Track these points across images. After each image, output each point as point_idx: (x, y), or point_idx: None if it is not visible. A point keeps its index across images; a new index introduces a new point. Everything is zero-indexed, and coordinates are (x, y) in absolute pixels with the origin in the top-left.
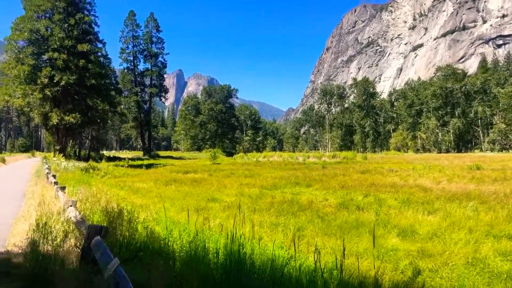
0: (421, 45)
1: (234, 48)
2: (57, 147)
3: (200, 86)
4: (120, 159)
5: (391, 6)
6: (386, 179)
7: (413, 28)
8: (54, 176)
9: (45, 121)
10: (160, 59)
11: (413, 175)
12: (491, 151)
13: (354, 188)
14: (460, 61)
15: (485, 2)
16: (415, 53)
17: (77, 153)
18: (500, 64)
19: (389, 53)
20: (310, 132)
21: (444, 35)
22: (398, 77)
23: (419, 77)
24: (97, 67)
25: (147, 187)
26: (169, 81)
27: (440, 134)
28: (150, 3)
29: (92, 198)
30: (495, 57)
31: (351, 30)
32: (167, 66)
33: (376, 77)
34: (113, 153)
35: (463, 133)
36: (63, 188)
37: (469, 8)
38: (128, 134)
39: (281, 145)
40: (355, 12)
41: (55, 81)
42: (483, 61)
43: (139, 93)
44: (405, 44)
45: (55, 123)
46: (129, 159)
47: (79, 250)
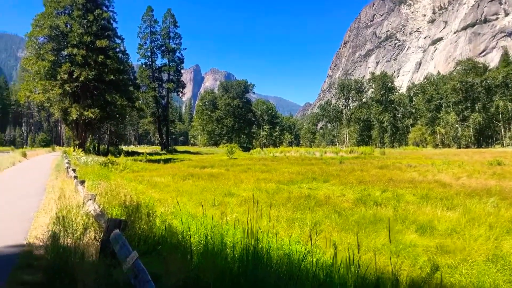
0: (441, 39)
1: (251, 43)
2: (77, 142)
3: (217, 81)
4: (138, 154)
5: (410, 0)
6: (405, 175)
7: (433, 22)
8: (74, 170)
9: (65, 116)
10: (178, 55)
11: (432, 171)
12: None
13: (372, 184)
14: (481, 55)
15: None
16: (435, 47)
17: (96, 148)
18: None
19: (408, 47)
20: (327, 127)
21: (465, 28)
22: (417, 72)
23: (439, 71)
24: (116, 63)
25: (165, 182)
26: (186, 77)
27: (460, 129)
28: None
29: (111, 192)
30: None
31: (369, 24)
32: (185, 62)
33: (395, 72)
34: (132, 148)
35: (484, 128)
36: (83, 182)
37: (491, 1)
38: (146, 129)
39: (298, 140)
40: (373, 6)
41: (75, 77)
42: (505, 55)
43: (157, 89)
44: (424, 38)
45: (75, 118)
46: (147, 154)
47: (99, 243)
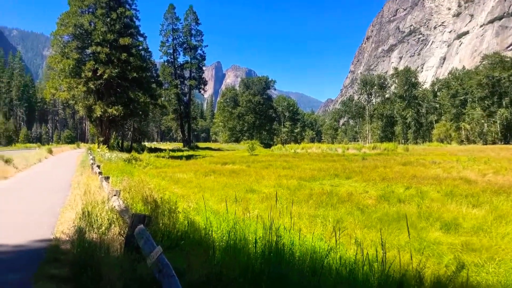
0: (466, 33)
1: (272, 39)
2: (101, 139)
3: (238, 78)
4: (161, 150)
5: None
6: (429, 171)
7: (458, 15)
8: (99, 167)
9: (89, 114)
10: (199, 52)
11: (457, 167)
12: None
13: (395, 180)
14: (509, 49)
15: None
16: (460, 41)
17: (120, 145)
18: None
19: (432, 42)
20: (350, 123)
21: (492, 22)
22: (441, 66)
23: (464, 66)
24: (138, 61)
25: (187, 178)
26: (208, 74)
27: (486, 125)
28: None
29: (135, 188)
30: None
31: (392, 19)
32: (206, 59)
33: (418, 67)
34: (154, 145)
35: (511, 124)
36: (107, 178)
37: None
38: (169, 126)
39: (320, 137)
40: (397, 0)
41: (98, 74)
42: None
43: (179, 86)
44: (449, 32)
45: (99, 115)
46: (170, 150)
47: (123, 238)
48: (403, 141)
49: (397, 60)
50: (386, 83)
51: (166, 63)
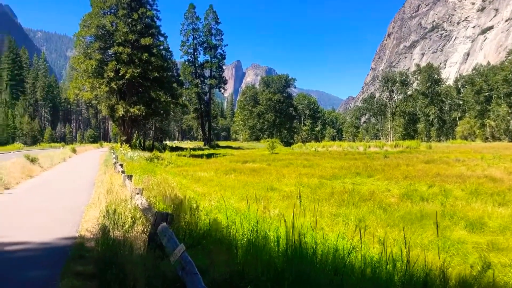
0: (491, 28)
1: (292, 37)
2: (123, 138)
3: (258, 77)
4: (182, 149)
5: None
6: (452, 169)
7: (482, 10)
8: (121, 166)
9: (112, 113)
10: (219, 51)
11: (482, 165)
12: None
13: (418, 179)
14: None
15: None
16: (484, 36)
17: (142, 144)
18: None
19: (455, 37)
20: (371, 121)
21: None
22: (465, 62)
23: (488, 62)
24: (160, 60)
25: (208, 176)
26: (228, 72)
27: None
28: None
29: (157, 187)
30: None
31: (414, 15)
32: (226, 58)
33: (441, 63)
34: (176, 143)
35: None
36: (130, 177)
37: None
38: (189, 125)
39: (341, 135)
40: None
41: (121, 75)
42: None
43: (200, 85)
44: (473, 27)
45: (121, 115)
46: (191, 149)
47: (146, 236)
48: (426, 139)
49: (419, 57)
50: (408, 80)
51: (187, 63)
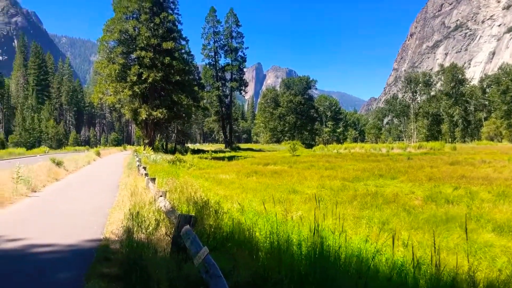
0: None
1: (313, 39)
2: (146, 141)
3: (279, 79)
4: (204, 152)
5: None
6: (478, 171)
7: (508, 8)
8: (145, 168)
9: (135, 117)
10: (240, 54)
11: (509, 167)
12: None
13: (443, 180)
14: None
15: None
16: (510, 35)
17: (164, 146)
18: None
19: (480, 36)
20: (394, 122)
21: None
22: (490, 62)
23: None
24: (181, 64)
25: (230, 179)
26: (249, 75)
27: None
28: None
29: (180, 189)
30: None
31: (437, 14)
32: (247, 60)
33: (465, 63)
34: (197, 146)
35: None
36: (153, 180)
37: None
38: (211, 128)
39: (363, 136)
40: None
41: (143, 78)
42: None
43: (220, 88)
44: (499, 26)
45: (144, 118)
46: (212, 152)
47: (170, 238)
48: (450, 140)
49: (443, 57)
50: (432, 80)
51: (208, 66)
